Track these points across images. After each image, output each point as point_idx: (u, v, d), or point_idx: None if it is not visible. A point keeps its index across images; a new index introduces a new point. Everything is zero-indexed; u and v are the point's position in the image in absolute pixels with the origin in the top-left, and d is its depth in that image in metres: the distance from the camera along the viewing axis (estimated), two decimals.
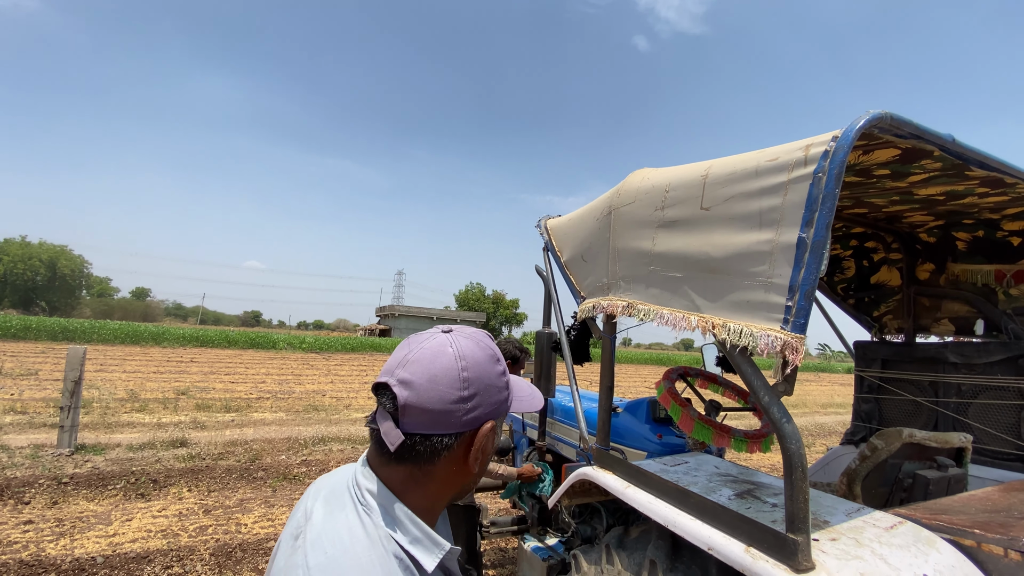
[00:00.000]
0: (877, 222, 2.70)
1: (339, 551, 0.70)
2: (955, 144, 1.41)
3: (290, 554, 0.73)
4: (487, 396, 0.79)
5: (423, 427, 0.75)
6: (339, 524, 0.73)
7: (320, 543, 0.71)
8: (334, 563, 0.69)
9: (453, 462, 0.78)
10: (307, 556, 0.70)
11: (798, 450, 1.18)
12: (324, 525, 0.74)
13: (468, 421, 0.77)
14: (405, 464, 0.76)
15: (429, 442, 0.75)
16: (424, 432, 0.75)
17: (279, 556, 0.76)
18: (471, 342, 0.80)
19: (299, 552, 0.72)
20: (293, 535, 0.76)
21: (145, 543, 4.34)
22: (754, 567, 1.21)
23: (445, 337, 0.80)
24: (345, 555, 0.69)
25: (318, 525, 0.74)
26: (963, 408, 2.42)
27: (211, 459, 6.90)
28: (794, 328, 1.20)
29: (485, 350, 0.81)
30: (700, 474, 1.78)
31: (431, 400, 0.74)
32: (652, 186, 1.81)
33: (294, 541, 0.75)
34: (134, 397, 11.49)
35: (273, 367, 21.05)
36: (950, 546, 1.33)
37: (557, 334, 2.74)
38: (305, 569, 0.69)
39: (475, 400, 0.77)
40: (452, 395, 0.75)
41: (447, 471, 0.78)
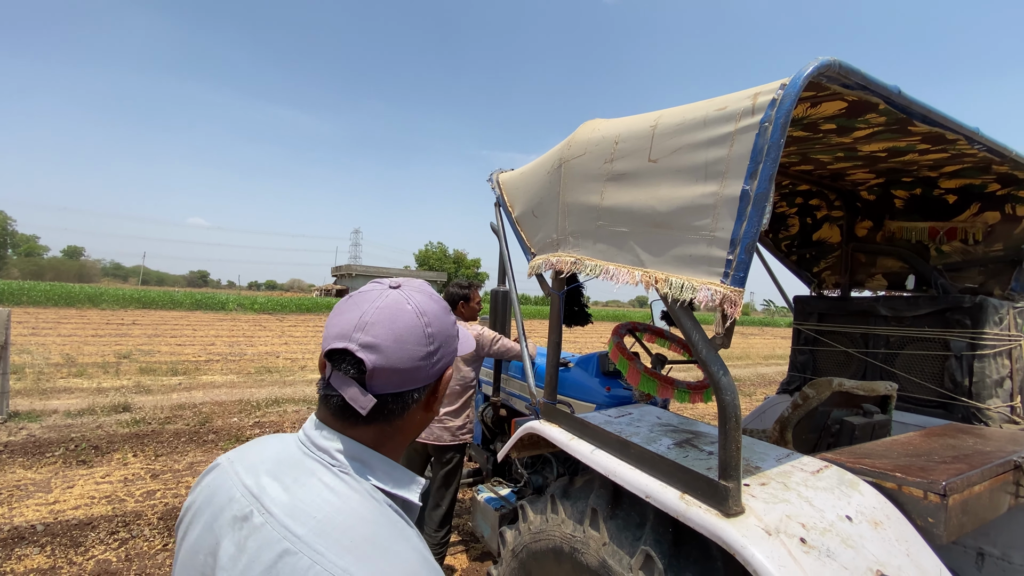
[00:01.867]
0: (822, 179, 2.76)
1: (331, 511, 0.67)
2: (900, 96, 1.41)
3: (251, 535, 0.66)
4: (447, 346, 0.82)
5: (394, 386, 0.75)
6: (315, 488, 0.70)
7: (300, 512, 0.67)
8: (330, 524, 0.65)
9: (420, 411, 0.81)
10: (288, 527, 0.65)
11: (732, 401, 1.19)
12: (294, 494, 0.69)
13: (435, 373, 0.80)
14: (376, 423, 0.76)
15: (401, 399, 0.76)
16: (396, 391, 0.75)
17: (224, 546, 0.68)
18: (425, 296, 0.81)
19: (268, 528, 0.66)
20: (238, 517, 0.69)
21: (88, 510, 4.19)
22: (688, 513, 1.25)
23: (398, 294, 0.79)
24: (340, 513, 0.67)
25: (283, 497, 0.69)
26: (891, 359, 2.57)
27: (157, 423, 6.67)
28: (733, 282, 1.20)
29: (439, 302, 0.83)
30: (642, 425, 1.82)
31: (401, 360, 0.74)
32: (602, 137, 1.74)
33: (245, 522, 0.68)
34: (71, 362, 10.88)
35: (223, 329, 20.34)
36: (872, 488, 1.41)
37: (511, 292, 2.70)
38: (293, 540, 0.64)
39: (439, 352, 0.80)
40: (420, 352, 0.76)
41: (414, 420, 0.81)
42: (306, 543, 0.64)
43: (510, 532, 1.96)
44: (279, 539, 0.64)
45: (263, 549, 0.65)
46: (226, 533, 0.69)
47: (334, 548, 0.63)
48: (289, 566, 0.62)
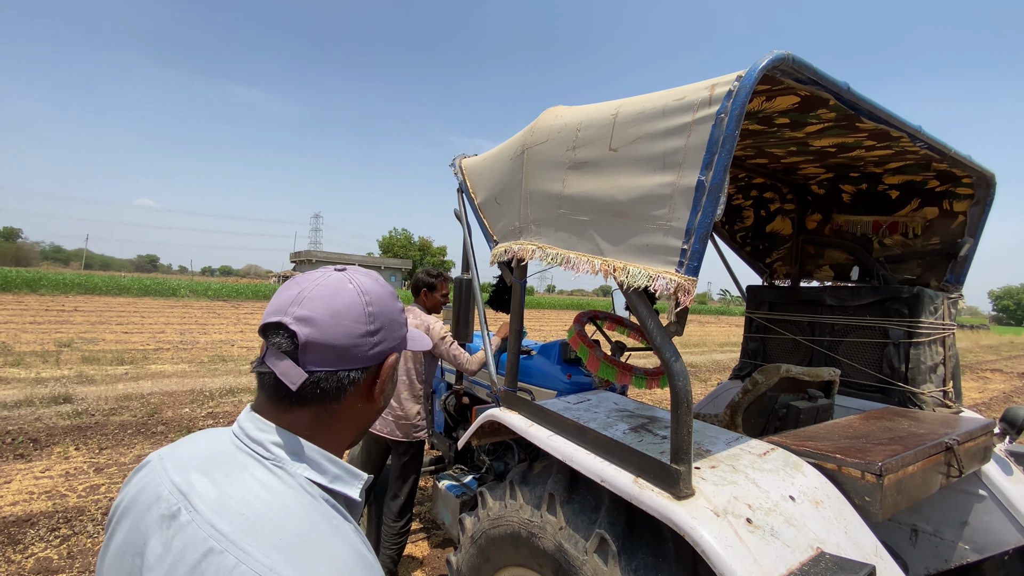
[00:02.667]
0: (776, 173, 2.84)
1: (261, 507, 0.63)
2: (849, 92, 1.46)
3: (177, 533, 0.63)
4: (391, 331, 0.78)
5: (328, 364, 0.71)
6: (246, 484, 0.66)
7: (227, 509, 0.63)
8: (259, 521, 0.62)
9: (359, 397, 0.76)
10: (214, 525, 0.62)
11: (684, 386, 1.22)
12: (223, 490, 0.66)
13: (375, 355, 0.75)
14: (309, 406, 0.72)
15: (335, 378, 0.72)
16: (330, 368, 0.71)
17: (152, 545, 0.64)
18: (370, 279, 0.78)
19: (194, 526, 0.63)
20: (166, 516, 0.65)
21: (27, 506, 3.97)
22: (641, 496, 1.28)
23: (341, 275, 0.76)
24: (270, 509, 0.64)
25: (211, 493, 0.65)
26: (835, 346, 2.70)
27: (101, 415, 6.35)
28: (688, 271, 1.22)
29: (385, 287, 0.79)
30: (600, 411, 1.85)
31: (336, 336, 0.71)
32: (564, 124, 1.74)
33: (172, 521, 0.64)
34: (6, 350, 10.20)
35: (174, 316, 19.48)
36: (814, 469, 1.48)
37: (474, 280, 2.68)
38: (218, 538, 0.61)
39: (381, 334, 0.76)
40: (359, 330, 0.73)
41: (354, 407, 0.76)
42: (232, 541, 0.61)
43: (469, 519, 1.97)
44: (204, 538, 0.61)
45: (188, 548, 0.61)
46: (153, 532, 0.66)
47: (261, 546, 0.60)
48: (214, 566, 0.59)
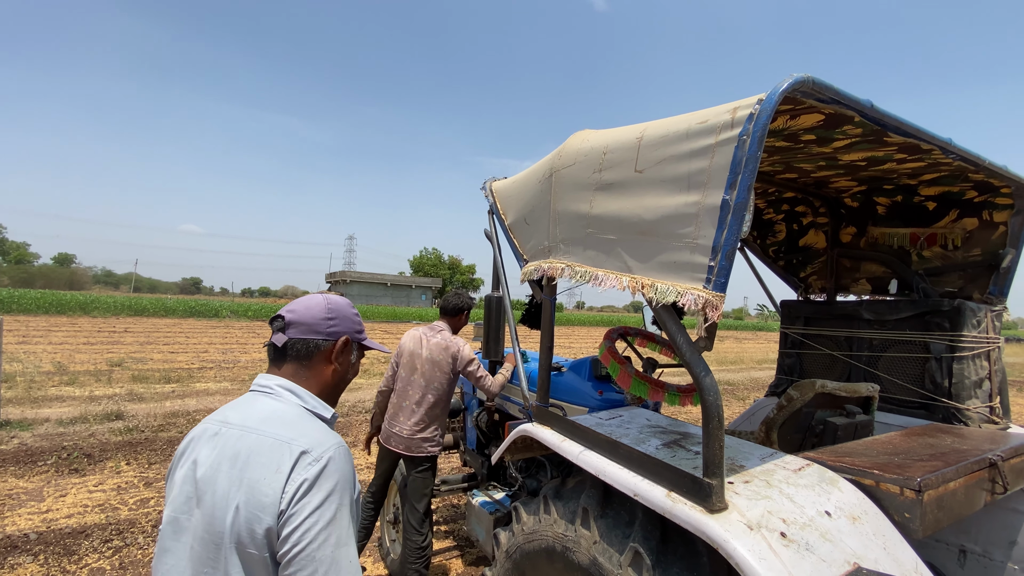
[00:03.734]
0: (806, 187, 2.83)
1: (269, 412, 1.08)
2: (873, 110, 1.47)
3: (218, 440, 1.04)
4: (344, 322, 1.23)
5: (301, 333, 1.17)
6: (258, 404, 1.10)
7: (249, 417, 1.07)
8: (269, 417, 1.06)
9: (323, 360, 1.20)
10: (244, 422, 1.06)
11: (715, 401, 1.25)
12: (245, 412, 1.09)
13: (331, 332, 1.20)
14: (292, 362, 1.17)
15: (304, 342, 1.17)
16: (302, 336, 1.17)
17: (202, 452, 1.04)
18: (336, 296, 1.27)
19: (228, 431, 1.05)
20: (210, 434, 1.07)
21: (82, 518, 4.18)
22: (674, 510, 1.29)
23: (318, 294, 1.26)
24: (275, 412, 1.08)
25: (238, 416, 1.08)
26: (874, 361, 2.64)
27: (150, 431, 6.64)
28: (715, 287, 1.25)
29: (345, 301, 1.28)
30: (632, 426, 1.87)
31: (304, 318, 1.18)
32: (591, 148, 1.81)
33: (215, 436, 1.06)
34: (62, 370, 10.80)
35: (216, 336, 20.24)
36: (851, 485, 1.46)
37: (504, 298, 2.75)
38: (246, 429, 1.04)
39: (336, 320, 1.22)
40: (320, 314, 1.20)
41: (320, 366, 1.19)
42: (253, 428, 1.04)
43: (504, 534, 2.00)
44: (238, 434, 1.04)
45: (227, 442, 1.03)
46: (203, 446, 1.05)
47: (272, 427, 1.04)
48: (246, 443, 1.02)
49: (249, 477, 0.98)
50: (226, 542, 0.96)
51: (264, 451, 1.00)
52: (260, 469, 0.98)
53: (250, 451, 1.00)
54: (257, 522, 0.95)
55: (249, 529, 0.95)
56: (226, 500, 0.97)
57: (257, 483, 0.97)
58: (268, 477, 0.97)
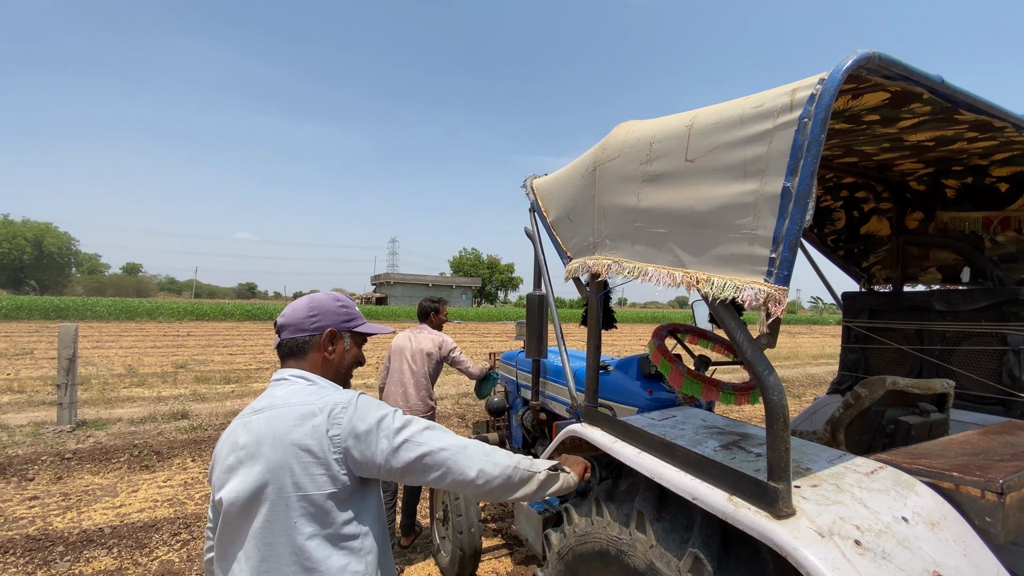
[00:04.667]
0: (867, 171, 2.66)
1: (289, 392, 1.29)
2: (944, 85, 1.36)
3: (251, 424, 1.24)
4: (327, 316, 1.41)
5: (289, 333, 1.39)
6: (279, 391, 1.31)
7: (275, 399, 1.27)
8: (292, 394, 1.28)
9: (316, 351, 1.39)
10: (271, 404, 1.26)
11: (780, 401, 1.18)
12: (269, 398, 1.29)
13: (315, 328, 1.39)
14: (291, 358, 1.39)
15: (294, 340, 1.38)
16: (290, 336, 1.38)
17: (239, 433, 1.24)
18: (322, 294, 1.46)
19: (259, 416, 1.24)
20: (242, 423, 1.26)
21: (152, 512, 4.43)
22: (736, 515, 1.24)
23: (304, 297, 1.45)
24: (295, 392, 1.29)
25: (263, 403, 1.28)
26: (947, 355, 2.45)
27: (213, 430, 6.99)
28: (777, 280, 1.18)
29: (331, 296, 1.46)
30: (687, 427, 1.81)
31: (292, 319, 1.39)
32: (637, 139, 1.75)
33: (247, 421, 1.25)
34: (132, 372, 11.54)
35: (271, 338, 21.11)
36: (929, 489, 1.36)
37: (547, 296, 2.72)
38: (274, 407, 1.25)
39: (317, 316, 1.40)
40: (303, 314, 1.40)
41: (315, 357, 1.39)
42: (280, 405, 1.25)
43: (555, 535, 1.98)
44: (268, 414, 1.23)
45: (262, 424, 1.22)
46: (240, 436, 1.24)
47: (297, 398, 1.26)
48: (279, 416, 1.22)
49: (292, 439, 1.18)
50: (292, 497, 1.16)
51: (297, 416, 1.21)
52: (298, 430, 1.19)
53: (283, 420, 1.21)
54: (315, 468, 1.17)
55: (310, 477, 1.17)
56: (281, 465, 1.17)
57: (301, 440, 1.18)
58: (308, 432, 1.19)
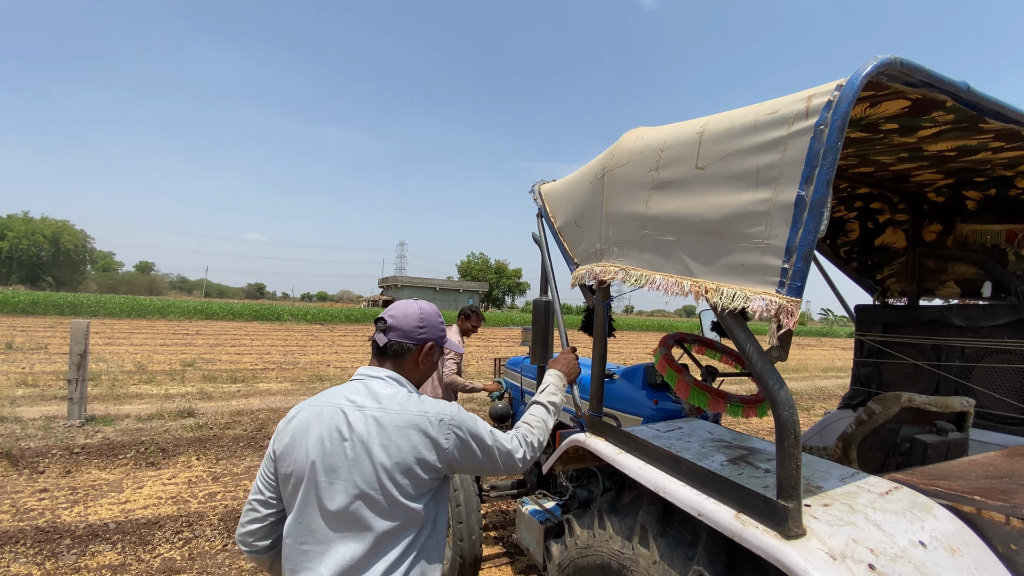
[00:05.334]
0: (883, 182, 2.61)
1: (390, 394, 1.37)
2: (970, 93, 1.31)
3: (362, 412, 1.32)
4: (432, 330, 1.52)
5: (398, 337, 1.46)
6: (379, 389, 1.38)
7: (380, 397, 1.36)
8: (394, 397, 1.36)
9: (413, 360, 1.49)
10: (376, 401, 1.35)
11: (791, 416, 1.14)
12: (370, 393, 1.37)
13: (420, 339, 1.49)
14: (390, 358, 1.47)
15: (399, 344, 1.46)
16: (398, 340, 1.46)
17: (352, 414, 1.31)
18: (427, 304, 1.57)
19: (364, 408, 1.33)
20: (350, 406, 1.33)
21: (156, 509, 4.45)
22: (744, 533, 1.19)
23: (413, 301, 1.55)
24: (396, 395, 1.37)
25: (364, 398, 1.35)
26: (966, 372, 2.38)
27: (218, 428, 7.02)
28: (790, 291, 1.14)
29: (434, 309, 1.58)
30: (693, 440, 1.76)
31: (401, 323, 1.47)
32: (646, 146, 1.72)
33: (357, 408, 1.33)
34: (142, 369, 11.65)
35: (278, 338, 21.26)
36: (948, 512, 1.30)
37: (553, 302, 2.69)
38: (378, 408, 1.33)
39: (425, 328, 1.50)
40: (414, 323, 1.49)
41: (411, 364, 1.49)
42: (386, 406, 1.33)
43: (556, 546, 1.94)
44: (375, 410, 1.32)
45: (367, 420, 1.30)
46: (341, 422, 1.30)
47: (400, 404, 1.34)
48: (387, 417, 1.31)
49: (400, 442, 1.29)
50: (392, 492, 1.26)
51: (406, 424, 1.31)
52: (411, 434, 1.30)
53: (392, 423, 1.30)
54: (419, 469, 1.29)
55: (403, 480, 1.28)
56: (388, 462, 1.27)
57: (413, 444, 1.30)
58: (420, 439, 1.31)
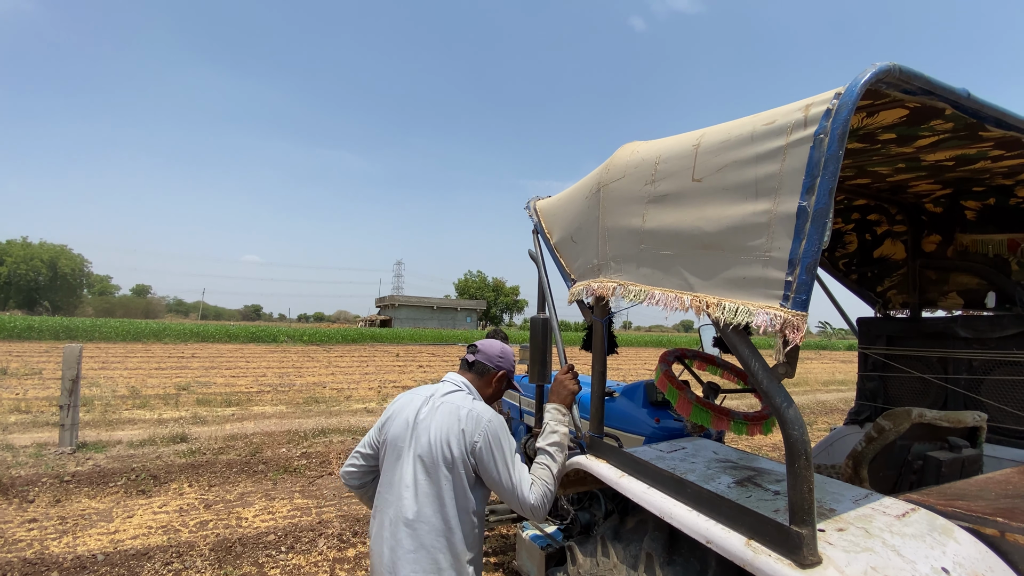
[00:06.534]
0: (880, 193, 2.59)
1: (459, 401, 1.81)
2: (970, 99, 1.29)
3: (432, 404, 1.82)
4: (505, 363, 2.04)
5: (482, 359, 1.99)
6: (455, 396, 1.84)
7: (448, 393, 1.86)
8: (457, 394, 1.86)
9: (488, 380, 2.00)
10: (444, 396, 1.84)
11: (801, 437, 1.08)
12: (445, 390, 1.88)
13: (496, 366, 2.01)
14: (473, 373, 1.99)
15: (481, 365, 1.99)
16: (482, 361, 1.99)
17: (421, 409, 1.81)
18: (506, 346, 2.09)
19: (439, 398, 1.84)
20: (426, 399, 1.85)
21: (146, 540, 4.31)
22: (756, 561, 1.13)
23: (496, 339, 2.17)
24: (459, 394, 1.86)
25: (441, 394, 1.86)
26: (975, 385, 2.32)
27: (211, 453, 6.87)
28: (795, 305, 1.10)
29: (509, 349, 2.09)
30: (698, 460, 1.70)
31: (486, 352, 2.02)
32: (642, 159, 1.70)
33: (430, 400, 1.84)
34: (135, 394, 11.48)
35: (274, 360, 21.06)
36: (969, 535, 1.24)
37: (551, 319, 2.64)
38: (445, 400, 1.82)
39: (502, 360, 2.03)
40: (496, 354, 2.03)
41: (485, 382, 2.00)
42: (448, 400, 1.82)
43: (559, 575, 1.85)
44: (441, 401, 1.82)
45: (436, 406, 1.80)
46: (421, 406, 1.82)
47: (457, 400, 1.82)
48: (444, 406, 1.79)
49: (446, 425, 1.73)
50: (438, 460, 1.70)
51: (454, 413, 1.76)
52: (451, 420, 1.74)
53: (445, 411, 1.77)
54: (449, 449, 1.70)
55: (445, 453, 1.70)
56: (437, 438, 1.72)
57: (450, 427, 1.73)
58: (455, 426, 1.73)
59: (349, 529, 4.64)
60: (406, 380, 15.99)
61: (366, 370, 18.73)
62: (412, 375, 17.59)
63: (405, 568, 1.63)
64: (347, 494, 5.58)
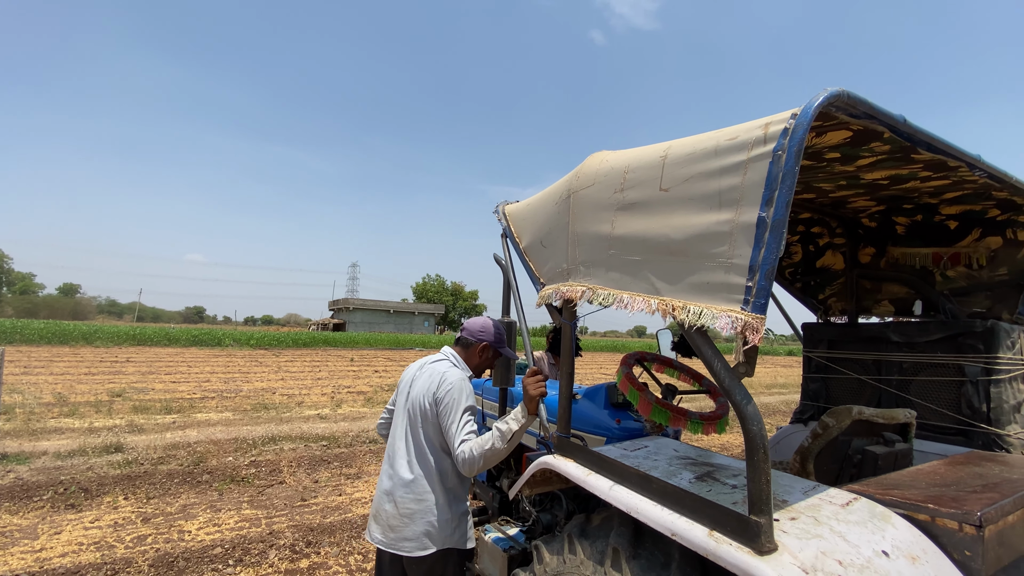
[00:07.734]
0: (823, 207, 2.78)
1: (440, 368, 2.30)
2: (906, 124, 1.43)
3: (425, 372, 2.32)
4: (487, 335, 2.41)
5: (467, 335, 2.44)
6: (441, 365, 2.32)
7: (433, 361, 2.38)
8: (439, 362, 2.36)
9: (474, 351, 2.41)
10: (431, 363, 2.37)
11: (760, 431, 1.16)
12: (432, 363, 2.36)
13: (478, 338, 2.40)
14: (460, 346, 2.45)
15: (466, 339, 2.43)
16: (466, 336, 2.44)
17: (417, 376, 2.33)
18: (494, 321, 2.50)
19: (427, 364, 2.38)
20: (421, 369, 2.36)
21: (76, 557, 4.02)
22: (718, 551, 1.19)
23: (484, 317, 2.58)
24: (441, 362, 2.36)
25: (430, 361, 2.39)
26: (905, 385, 2.53)
27: (150, 464, 6.49)
28: (754, 308, 1.18)
29: (497, 324, 2.49)
30: (660, 458, 1.77)
31: (470, 327, 2.46)
32: (611, 168, 1.76)
33: (422, 369, 2.35)
34: (62, 401, 10.67)
35: (218, 365, 20.08)
36: (905, 521, 1.36)
37: (516, 323, 2.68)
38: (430, 365, 2.36)
39: (482, 332, 2.41)
40: (476, 328, 2.44)
41: (471, 354, 2.41)
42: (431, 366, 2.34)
43: (524, 574, 1.88)
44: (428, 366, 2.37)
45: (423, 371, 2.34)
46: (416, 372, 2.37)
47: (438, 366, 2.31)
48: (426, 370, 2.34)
49: (425, 385, 2.22)
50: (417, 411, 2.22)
51: (433, 375, 2.24)
52: (430, 382, 2.21)
53: (427, 374, 2.27)
54: (424, 402, 2.19)
55: (423, 405, 2.19)
56: (417, 394, 2.24)
57: (428, 387, 2.20)
58: (432, 386, 2.19)
59: (302, 539, 4.49)
60: (361, 385, 15.61)
61: (319, 375, 18.15)
62: (368, 380, 17.20)
63: (400, 491, 2.17)
64: (299, 503, 5.40)
